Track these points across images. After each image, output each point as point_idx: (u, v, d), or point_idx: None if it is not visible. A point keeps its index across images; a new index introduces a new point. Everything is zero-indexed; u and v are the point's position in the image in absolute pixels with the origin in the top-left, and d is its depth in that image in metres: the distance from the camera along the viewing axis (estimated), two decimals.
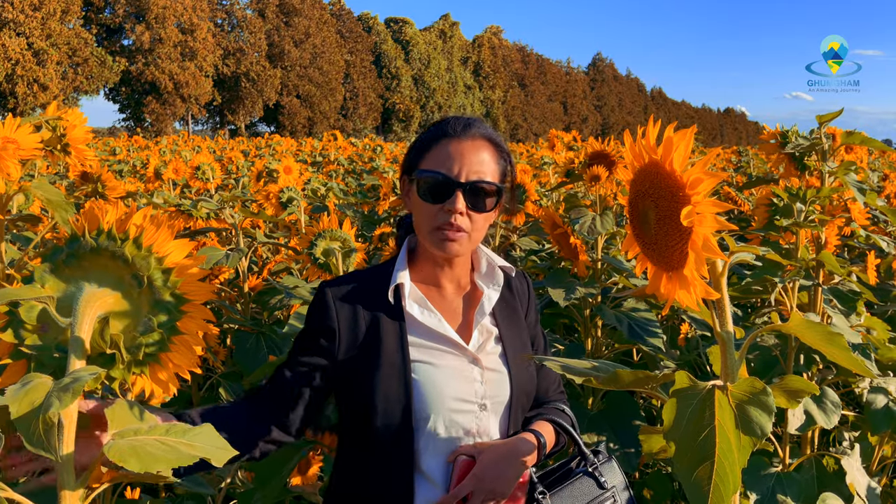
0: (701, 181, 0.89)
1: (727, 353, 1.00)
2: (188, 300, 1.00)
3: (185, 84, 51.43)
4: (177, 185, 5.30)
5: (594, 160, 2.64)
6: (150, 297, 1.00)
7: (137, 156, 11.68)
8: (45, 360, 1.00)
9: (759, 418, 0.90)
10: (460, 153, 1.38)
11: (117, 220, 0.99)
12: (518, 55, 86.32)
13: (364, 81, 64.58)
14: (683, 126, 0.97)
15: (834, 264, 1.94)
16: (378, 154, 9.60)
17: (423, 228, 1.40)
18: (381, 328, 1.37)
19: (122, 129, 54.53)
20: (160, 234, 1.00)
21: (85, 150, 1.48)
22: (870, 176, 4.83)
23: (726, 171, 2.06)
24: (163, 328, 0.99)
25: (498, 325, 1.45)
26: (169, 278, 1.00)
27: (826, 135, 2.21)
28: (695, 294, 0.93)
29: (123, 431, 0.90)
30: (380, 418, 1.33)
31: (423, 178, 1.38)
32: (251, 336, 2.71)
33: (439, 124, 1.44)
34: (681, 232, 0.92)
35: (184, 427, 0.91)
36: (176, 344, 1.01)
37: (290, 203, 3.31)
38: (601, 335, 2.78)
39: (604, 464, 1.46)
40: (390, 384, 1.33)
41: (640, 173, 0.98)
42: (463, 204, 1.36)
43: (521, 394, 1.43)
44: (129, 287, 1.00)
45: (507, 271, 1.50)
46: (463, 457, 1.34)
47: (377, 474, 1.36)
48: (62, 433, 0.84)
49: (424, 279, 1.45)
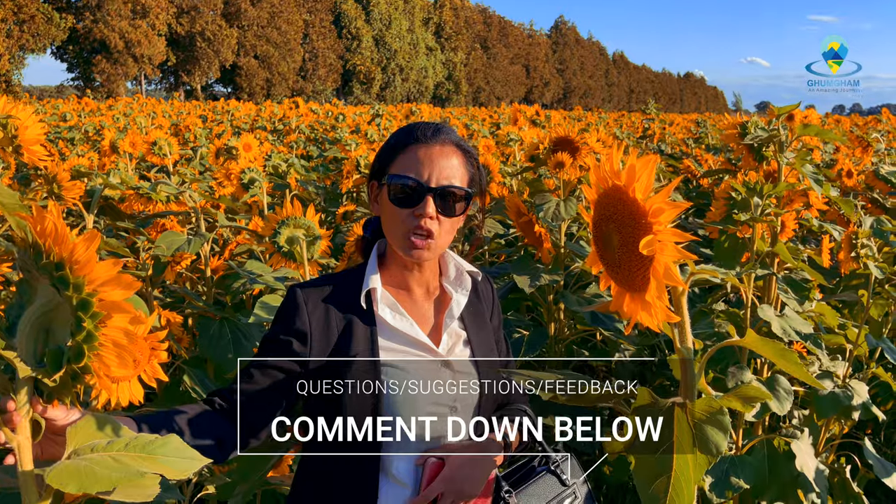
0: (662, 211, 0.91)
1: (687, 370, 1.03)
2: (97, 302, 0.94)
3: (137, 43, 49.69)
4: (133, 157, 5.17)
5: (558, 146, 2.65)
6: (69, 306, 0.97)
7: (90, 121, 11.31)
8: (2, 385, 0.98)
9: (715, 437, 0.94)
10: (430, 158, 1.39)
11: (36, 231, 0.96)
12: (480, 17, 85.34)
13: (324, 42, 63.27)
14: (644, 91, 0.99)
15: (787, 256, 2.01)
16: (340, 122, 9.47)
17: (393, 233, 1.40)
18: (352, 332, 1.38)
19: (71, 87, 52.65)
20: (59, 234, 0.94)
21: (38, 151, 1.43)
22: (822, 148, 4.95)
23: (686, 202, 2.12)
24: (79, 335, 0.95)
25: (466, 328, 1.48)
26: (70, 281, 0.95)
27: (783, 126, 2.25)
28: (656, 317, 0.96)
29: (80, 449, 0.89)
30: (349, 421, 1.35)
31: (394, 183, 1.39)
32: (214, 322, 2.70)
33: (408, 130, 1.44)
34: (643, 258, 0.94)
35: (145, 440, 0.90)
36: (98, 350, 0.97)
37: (251, 184, 3.26)
38: (563, 318, 2.84)
39: (564, 461, 1.51)
40: (361, 387, 1.35)
41: (604, 196, 1.00)
42: (433, 208, 1.37)
43: (489, 395, 1.46)
44: (56, 298, 0.97)
45: (474, 276, 1.53)
46: (432, 459, 1.37)
47: (343, 476, 1.38)
48: (20, 453, 0.85)
49: (395, 283, 1.47)
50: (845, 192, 3.90)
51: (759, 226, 2.05)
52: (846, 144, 2.86)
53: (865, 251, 2.18)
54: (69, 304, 0.87)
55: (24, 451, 0.84)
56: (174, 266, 2.88)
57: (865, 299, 2.25)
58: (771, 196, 2.00)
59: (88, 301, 0.86)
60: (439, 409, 1.39)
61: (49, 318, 0.91)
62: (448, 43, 77.56)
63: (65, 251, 0.87)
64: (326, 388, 1.37)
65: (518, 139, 4.24)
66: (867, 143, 4.38)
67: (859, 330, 2.27)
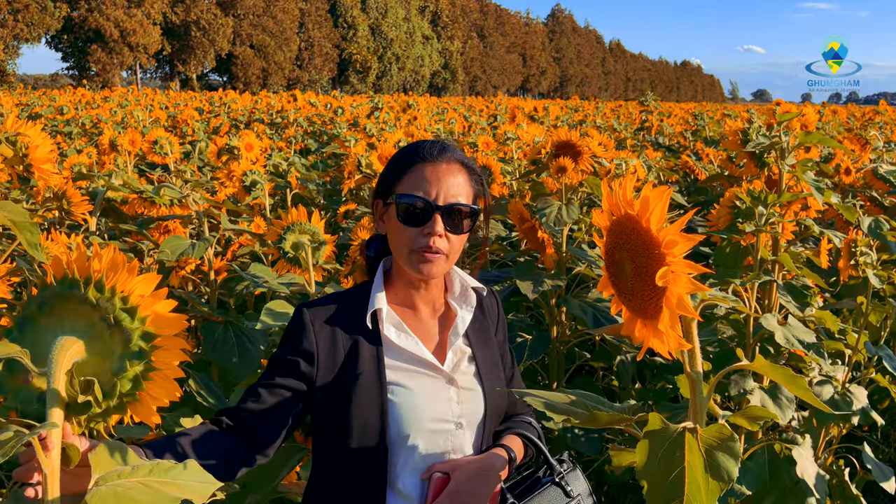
0: (676, 243, 0.93)
1: (696, 394, 1.05)
2: (158, 335, 1.00)
3: (132, 32, 49.42)
4: (131, 154, 5.16)
5: (560, 150, 2.66)
6: (121, 338, 1.00)
7: (86, 113, 11.27)
8: (29, 411, 1.00)
9: (726, 463, 0.96)
10: (437, 177, 1.41)
11: (78, 264, 0.99)
12: (476, 5, 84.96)
13: (319, 31, 62.95)
14: (641, 79, 1.00)
15: (791, 265, 2.03)
16: (339, 116, 9.45)
17: (402, 251, 1.42)
18: (359, 351, 1.40)
19: (66, 76, 52.33)
20: (122, 271, 0.98)
21: (48, 170, 1.44)
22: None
23: (699, 236, 2.12)
24: (136, 366, 1.00)
25: (471, 344, 1.50)
26: (136, 316, 1.00)
27: (785, 132, 2.27)
28: (668, 344, 0.98)
29: (107, 475, 0.91)
30: (355, 440, 1.37)
31: (402, 202, 1.40)
32: (219, 326, 2.71)
33: (413, 148, 1.46)
34: (656, 288, 0.95)
35: (166, 466, 0.93)
36: (152, 379, 1.02)
37: (253, 186, 3.27)
38: (565, 320, 2.86)
39: (569, 472, 1.53)
40: (367, 406, 1.37)
41: (617, 224, 1.01)
42: (441, 226, 1.39)
43: (494, 410, 1.48)
44: (100, 330, 1.00)
45: (479, 291, 1.55)
46: (438, 474, 1.39)
47: (350, 492, 1.40)
48: (49, 480, 0.86)
49: (400, 301, 1.48)
50: (844, 190, 3.92)
51: (762, 236, 2.07)
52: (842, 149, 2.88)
53: (864, 258, 2.20)
54: (123, 336, 0.94)
55: (53, 479, 0.85)
56: (178, 271, 2.88)
57: (864, 306, 2.27)
58: (775, 205, 2.02)
59: (152, 334, 0.95)
60: (445, 425, 1.41)
61: (86, 348, 0.95)
62: (444, 31, 77.25)
63: (127, 286, 0.95)
64: (334, 406, 1.39)
65: (515, 137, 4.25)
66: (865, 141, 4.39)
67: (858, 335, 2.30)
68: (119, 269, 0.95)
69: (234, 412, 1.40)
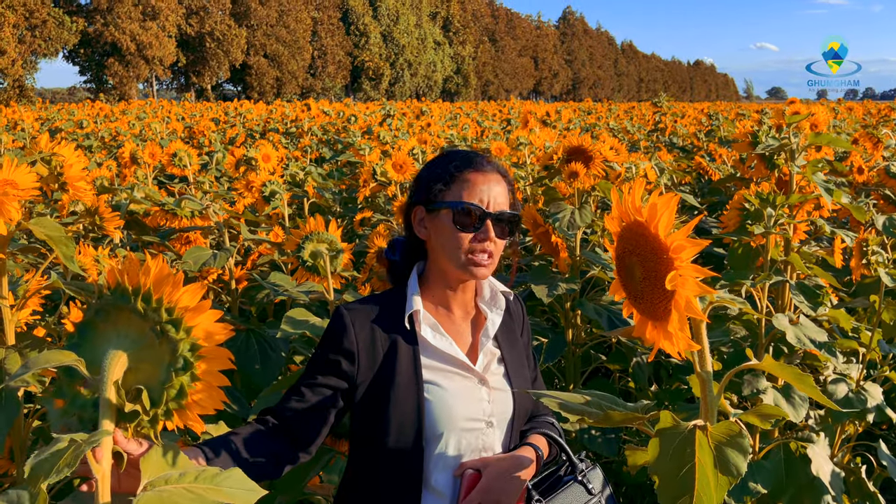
0: (684, 248, 0.97)
1: (706, 392, 1.09)
2: (203, 345, 1.06)
3: (148, 45, 50.03)
4: (150, 166, 5.26)
5: (572, 156, 2.70)
6: (168, 348, 1.06)
7: (105, 126, 11.46)
8: (85, 416, 1.06)
9: (735, 459, 0.99)
10: (487, 185, 1.51)
11: (130, 274, 1.05)
12: (487, 10, 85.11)
13: (332, 39, 63.36)
14: (654, 80, 1.04)
15: (801, 266, 2.05)
16: (351, 124, 9.54)
17: (453, 255, 1.48)
18: (397, 351, 1.47)
19: (83, 89, 53.03)
20: (168, 282, 1.04)
21: (82, 187, 1.51)
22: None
23: (705, 241, 2.16)
24: (182, 376, 1.06)
25: (500, 346, 1.57)
26: (181, 326, 1.06)
27: (794, 133, 2.29)
28: (678, 346, 1.02)
29: (155, 481, 0.97)
30: (393, 437, 1.43)
31: (457, 209, 1.47)
32: (241, 334, 2.77)
33: (464, 157, 1.54)
34: (665, 291, 1.00)
35: (212, 472, 0.98)
36: (198, 388, 1.07)
37: (273, 196, 3.34)
38: (581, 323, 2.89)
39: (590, 470, 1.58)
40: (405, 404, 1.43)
41: (627, 230, 1.06)
42: (493, 232, 1.48)
43: (522, 410, 1.55)
44: (150, 339, 1.05)
45: (507, 295, 1.61)
46: (469, 471, 1.45)
47: (387, 488, 1.46)
48: (101, 483, 0.92)
49: (435, 304, 1.55)
50: (857, 189, 3.92)
51: (772, 237, 2.10)
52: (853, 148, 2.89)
53: (876, 258, 2.22)
54: (170, 346, 0.99)
55: (104, 482, 0.91)
56: (201, 280, 2.95)
57: (878, 304, 2.29)
58: (784, 206, 2.05)
59: (198, 344, 0.99)
60: (477, 424, 1.48)
61: (137, 356, 1.00)
62: (456, 37, 77.44)
63: (173, 297, 1.00)
64: (372, 403, 1.44)
65: (528, 143, 4.29)
66: (878, 140, 4.39)
67: (872, 333, 2.31)
68: (166, 281, 1.00)
69: (279, 411, 1.46)
